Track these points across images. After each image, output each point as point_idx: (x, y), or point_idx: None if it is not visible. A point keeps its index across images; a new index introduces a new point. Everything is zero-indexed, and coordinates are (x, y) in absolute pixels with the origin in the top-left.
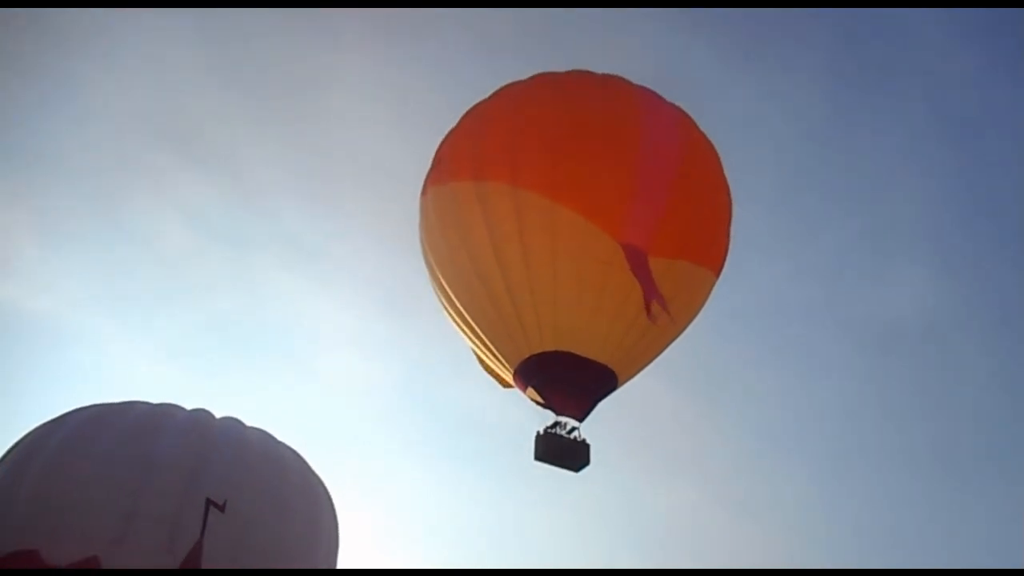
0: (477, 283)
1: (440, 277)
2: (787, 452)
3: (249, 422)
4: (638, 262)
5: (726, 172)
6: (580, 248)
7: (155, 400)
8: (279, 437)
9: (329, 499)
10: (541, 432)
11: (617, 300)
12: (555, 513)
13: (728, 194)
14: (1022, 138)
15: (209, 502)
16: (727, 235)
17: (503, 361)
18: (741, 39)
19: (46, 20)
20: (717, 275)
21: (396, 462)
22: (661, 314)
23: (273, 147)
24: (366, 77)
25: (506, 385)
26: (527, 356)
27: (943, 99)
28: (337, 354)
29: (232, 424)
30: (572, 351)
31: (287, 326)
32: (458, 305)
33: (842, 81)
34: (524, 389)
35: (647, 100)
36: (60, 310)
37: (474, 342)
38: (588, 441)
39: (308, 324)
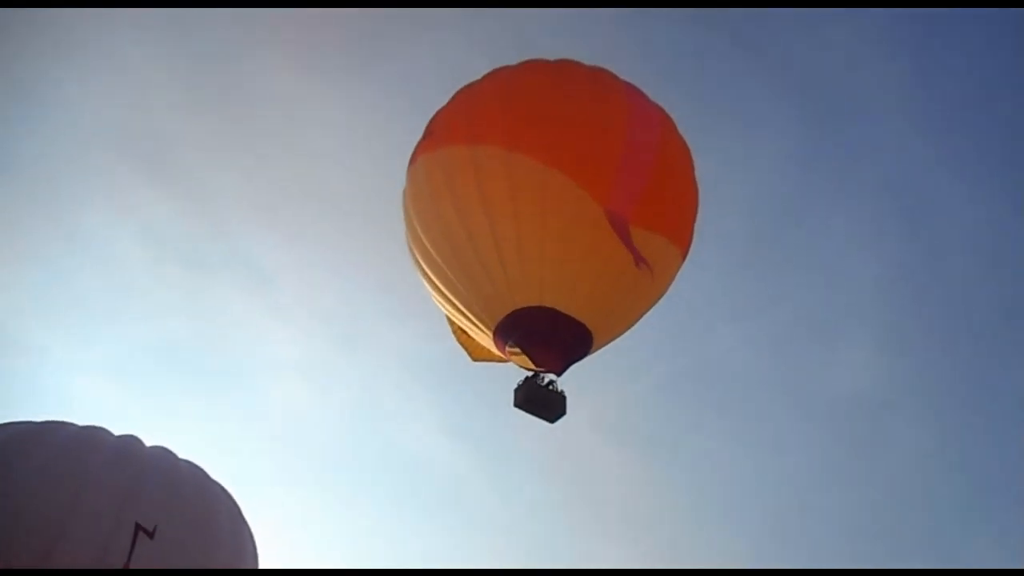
0: (465, 242)
1: (425, 240)
2: (726, 517)
3: (187, 449)
4: (621, 228)
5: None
6: (569, 210)
7: (86, 420)
8: (214, 466)
9: (252, 540)
10: (521, 381)
11: (600, 261)
12: (488, 555)
13: (697, 195)
14: (969, 230)
15: (138, 527)
16: (693, 229)
17: (483, 321)
18: (708, 106)
19: (17, 26)
20: (684, 258)
21: (331, 499)
22: (643, 276)
23: (239, 170)
24: (339, 106)
25: (477, 356)
26: (510, 311)
27: (899, 187)
28: (286, 386)
29: (163, 453)
30: (555, 307)
31: (237, 353)
32: (442, 266)
33: (805, 161)
34: (503, 346)
35: (633, 92)
36: (2, 317)
37: (454, 305)
38: (565, 393)
39: (259, 353)
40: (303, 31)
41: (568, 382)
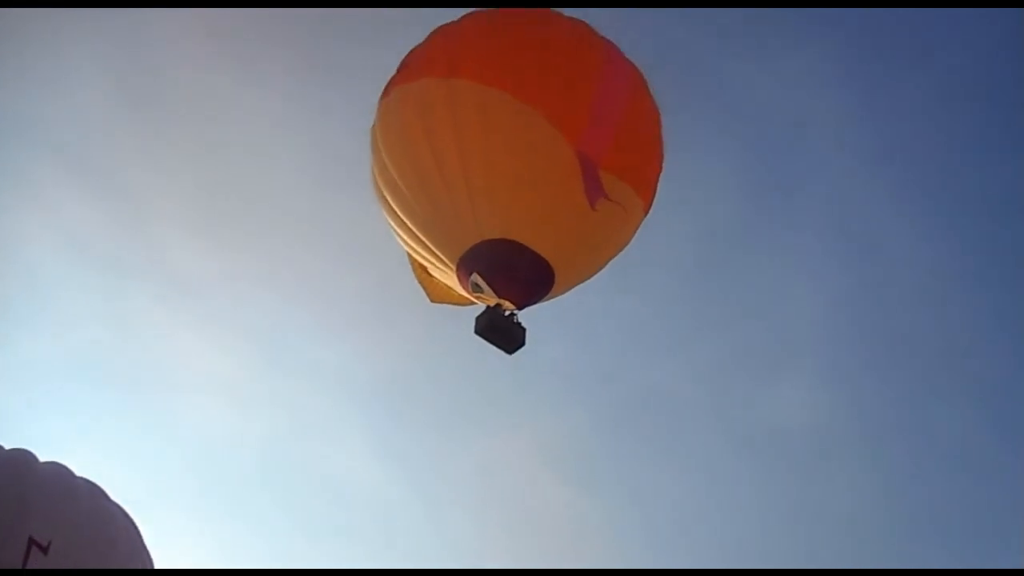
0: (434, 174)
1: (393, 171)
2: (660, 551)
3: (89, 467)
4: (590, 171)
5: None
6: (541, 147)
7: None
8: (118, 487)
9: (152, 566)
10: (483, 311)
11: (567, 200)
12: None
13: (662, 156)
14: (915, 263)
15: (32, 541)
16: (656, 187)
17: (447, 253)
18: None
19: None
20: (645, 213)
21: (244, 530)
22: (606, 221)
23: (169, 174)
24: (280, 113)
25: (436, 297)
26: (475, 243)
27: (843, 217)
28: (204, 404)
29: (58, 469)
30: (520, 240)
31: (155, 367)
32: (408, 198)
33: (748, 188)
34: (466, 277)
35: (610, 46)
36: None
37: (418, 238)
38: (524, 326)
39: (179, 368)
40: (238, 20)
41: (507, 405)
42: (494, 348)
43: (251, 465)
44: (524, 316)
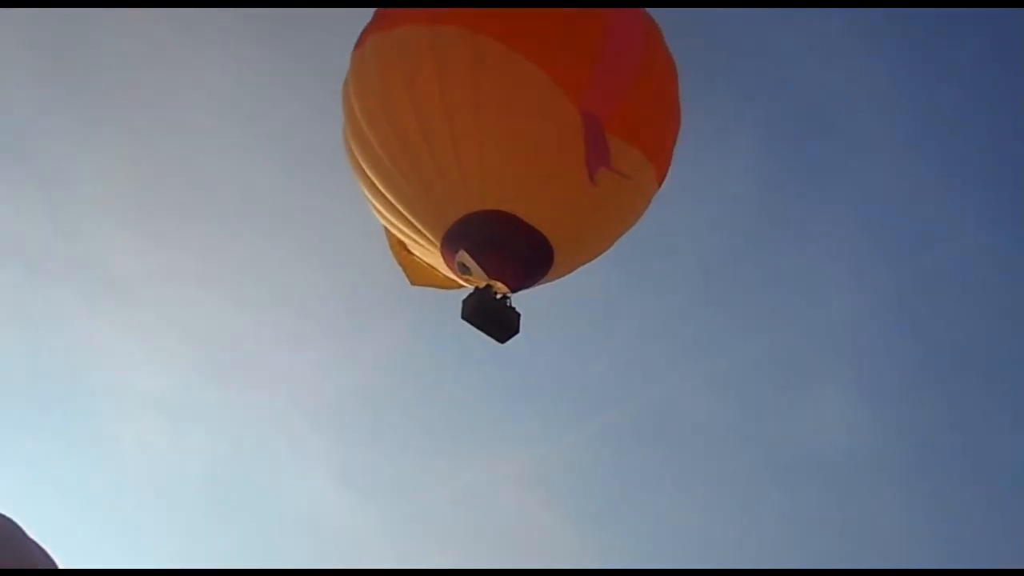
0: (417, 135)
1: (369, 133)
2: None
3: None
4: (595, 133)
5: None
6: (539, 105)
7: None
8: (34, 520)
9: None
10: (471, 292)
11: (569, 167)
12: None
13: (680, 117)
14: (967, 256)
15: None
16: (672, 153)
17: (430, 227)
18: None
19: None
20: (659, 184)
21: (173, 562)
22: (613, 192)
23: (101, 158)
24: (230, 83)
25: (417, 279)
26: (463, 215)
27: (887, 207)
28: (138, 422)
29: None
30: (514, 213)
31: (79, 380)
32: (386, 163)
33: (776, 177)
34: (452, 255)
35: None
36: None
37: (397, 210)
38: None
39: (106, 378)
40: None
41: (497, 424)
42: (484, 337)
43: (194, 496)
44: (518, 302)
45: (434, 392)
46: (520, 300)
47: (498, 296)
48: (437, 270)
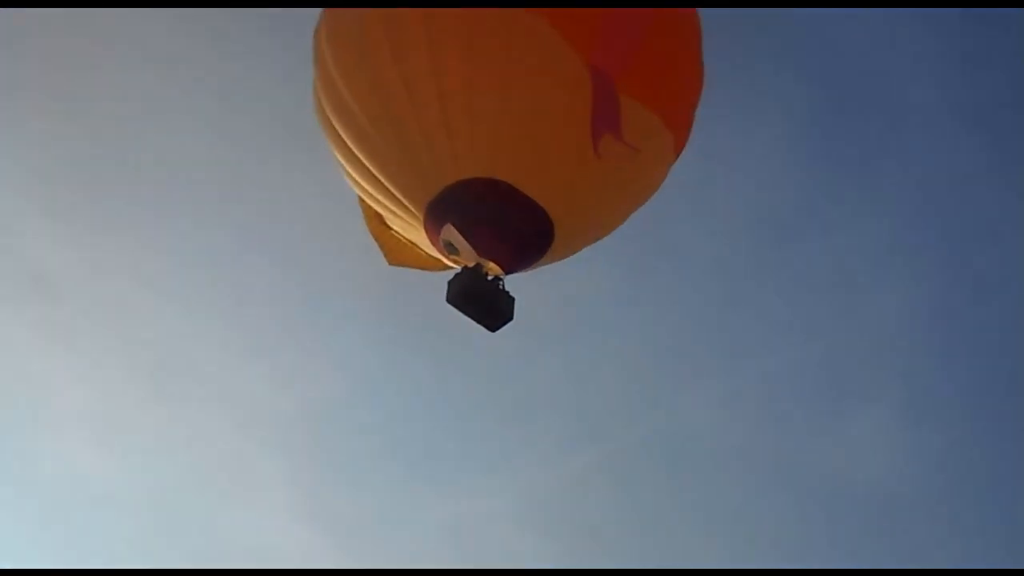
0: (401, 92)
1: (344, 90)
2: None
3: None
4: (606, 91)
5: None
6: (541, 58)
7: None
8: None
9: None
10: (458, 271)
11: (575, 130)
12: None
13: (702, 77)
14: None
15: None
16: (691, 119)
17: (413, 197)
18: None
19: None
20: (677, 153)
21: None
22: (627, 160)
23: (17, 138)
24: (166, 48)
25: (395, 258)
26: (450, 183)
27: (942, 197)
28: (66, 441)
29: None
30: (509, 181)
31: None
32: (364, 124)
33: (814, 153)
34: (437, 229)
35: None
36: None
37: (375, 178)
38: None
39: (32, 394)
40: None
41: (481, 450)
42: (471, 327)
43: (127, 530)
44: (512, 286)
45: (410, 408)
46: (514, 285)
47: (490, 277)
48: (419, 248)
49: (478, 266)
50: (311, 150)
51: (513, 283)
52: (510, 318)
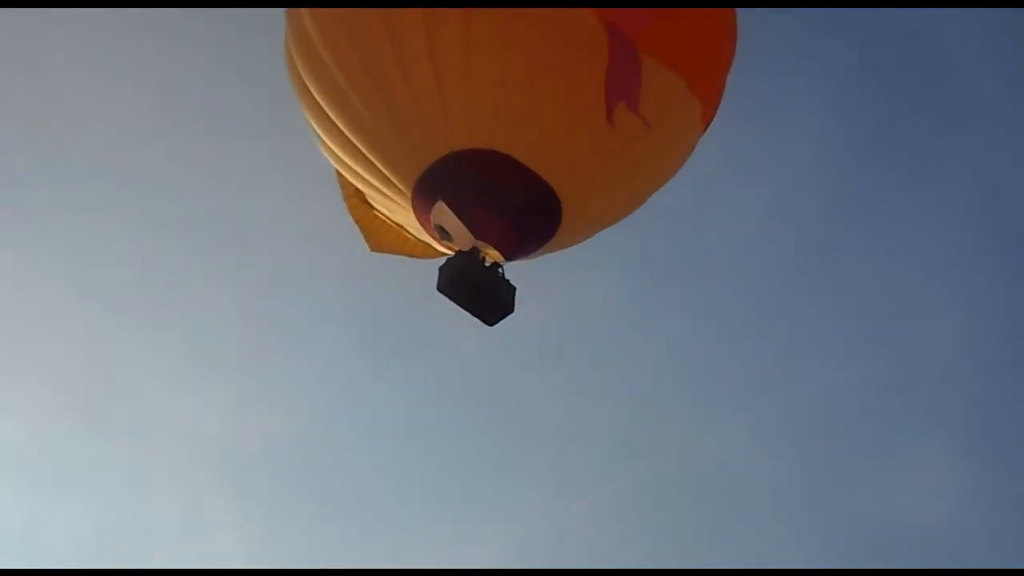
0: (388, 54)
1: (325, 54)
2: None
3: None
4: (624, 51)
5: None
6: (550, 15)
7: None
8: None
9: None
10: (454, 255)
11: (588, 95)
12: None
13: (735, 38)
14: None
15: None
16: (723, 85)
17: (401, 172)
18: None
19: None
20: (705, 127)
21: None
22: (648, 129)
23: None
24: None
25: (378, 244)
26: (443, 155)
27: (1008, 195)
28: None
29: None
30: (510, 153)
31: None
32: (347, 92)
33: (863, 143)
34: (427, 209)
35: None
36: None
37: (358, 150)
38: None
39: None
40: None
41: (465, 500)
42: (467, 321)
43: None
44: (513, 276)
45: (385, 442)
46: (515, 273)
47: (488, 264)
48: (406, 231)
49: (474, 250)
50: (279, 114)
51: (514, 272)
52: (511, 310)
